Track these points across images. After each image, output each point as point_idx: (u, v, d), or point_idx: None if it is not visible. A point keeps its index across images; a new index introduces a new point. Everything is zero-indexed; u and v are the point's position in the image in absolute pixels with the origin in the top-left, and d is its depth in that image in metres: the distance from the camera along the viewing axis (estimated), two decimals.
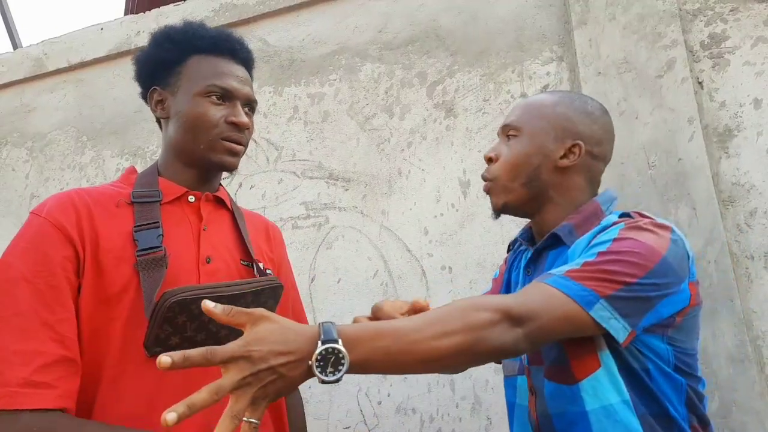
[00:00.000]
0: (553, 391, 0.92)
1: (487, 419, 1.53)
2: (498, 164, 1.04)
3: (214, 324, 0.84)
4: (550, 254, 1.00)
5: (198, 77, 0.95)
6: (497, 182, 1.03)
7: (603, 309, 0.81)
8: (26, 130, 2.31)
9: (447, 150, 1.76)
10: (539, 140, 1.01)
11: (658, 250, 0.84)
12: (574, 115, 1.02)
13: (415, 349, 0.71)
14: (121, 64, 2.23)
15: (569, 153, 1.00)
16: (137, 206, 0.89)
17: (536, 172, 1.00)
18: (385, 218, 1.77)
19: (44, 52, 2.33)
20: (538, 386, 0.96)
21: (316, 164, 1.89)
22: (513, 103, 1.13)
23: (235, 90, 0.96)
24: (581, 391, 0.88)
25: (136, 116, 2.16)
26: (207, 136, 0.93)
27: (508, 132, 1.05)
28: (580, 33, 1.62)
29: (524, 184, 1.01)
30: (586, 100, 1.07)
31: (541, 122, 1.02)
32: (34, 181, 2.24)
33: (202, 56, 0.97)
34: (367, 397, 1.64)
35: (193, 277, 0.88)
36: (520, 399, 1.03)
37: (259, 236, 1.06)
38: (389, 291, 1.71)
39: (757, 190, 1.42)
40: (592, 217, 0.98)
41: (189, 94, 0.94)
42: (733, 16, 1.53)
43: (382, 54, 1.90)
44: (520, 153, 1.01)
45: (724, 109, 1.49)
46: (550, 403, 0.93)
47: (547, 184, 1.01)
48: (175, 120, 0.96)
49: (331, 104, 1.92)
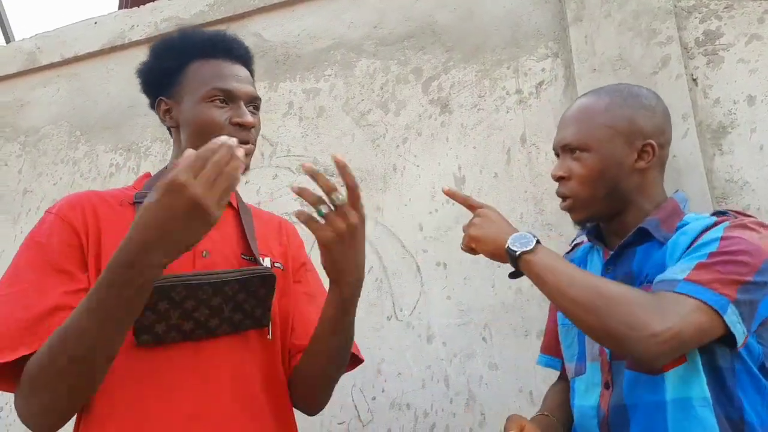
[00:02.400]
0: (632, 380, 0.93)
1: (481, 414, 1.53)
2: (574, 182, 1.02)
3: (200, 312, 0.85)
4: (637, 250, 0.99)
5: (199, 83, 0.96)
6: (578, 199, 1.03)
7: (732, 313, 0.82)
8: (19, 125, 2.30)
9: (442, 146, 1.76)
10: (609, 151, 1.00)
11: (764, 249, 0.85)
12: (633, 113, 1.01)
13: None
14: (115, 59, 2.22)
15: (642, 154, 1.00)
16: (138, 205, 0.91)
17: (615, 182, 1.00)
18: (380, 214, 1.77)
19: (37, 46, 2.31)
20: (619, 380, 0.96)
21: (311, 160, 1.88)
22: (562, 117, 1.11)
23: (236, 90, 0.96)
24: (664, 381, 0.89)
25: (130, 111, 2.15)
26: None
27: (571, 149, 1.03)
28: (576, 29, 1.62)
29: (606, 194, 1.01)
30: (636, 92, 1.05)
31: (605, 132, 1.00)
32: (27, 176, 2.23)
33: (200, 61, 0.98)
34: (361, 392, 1.65)
35: (188, 270, 0.88)
36: (579, 399, 1.03)
37: (269, 232, 1.06)
38: (384, 287, 1.71)
39: (750, 187, 1.42)
40: (673, 214, 0.99)
41: (193, 101, 0.96)
42: (727, 13, 1.53)
43: (378, 50, 1.90)
44: (595, 168, 1.00)
45: (718, 106, 1.50)
46: (627, 393, 0.93)
47: (628, 189, 1.01)
48: (184, 128, 0.98)
49: (326, 100, 1.92)
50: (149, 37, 2.16)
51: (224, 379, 0.88)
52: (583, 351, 1.04)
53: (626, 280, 0.98)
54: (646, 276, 0.96)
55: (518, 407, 1.51)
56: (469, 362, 1.58)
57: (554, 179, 1.07)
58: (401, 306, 1.68)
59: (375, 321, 1.69)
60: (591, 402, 1.00)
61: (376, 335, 1.68)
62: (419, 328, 1.64)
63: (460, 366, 1.58)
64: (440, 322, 1.63)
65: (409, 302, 1.67)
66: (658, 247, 0.97)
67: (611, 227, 1.06)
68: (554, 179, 1.07)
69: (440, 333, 1.62)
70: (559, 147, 1.07)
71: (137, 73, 1.05)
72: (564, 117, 1.09)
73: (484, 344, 1.58)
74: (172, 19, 2.13)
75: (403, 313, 1.67)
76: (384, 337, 1.67)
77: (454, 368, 1.59)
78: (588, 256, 1.12)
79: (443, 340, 1.62)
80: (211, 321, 0.86)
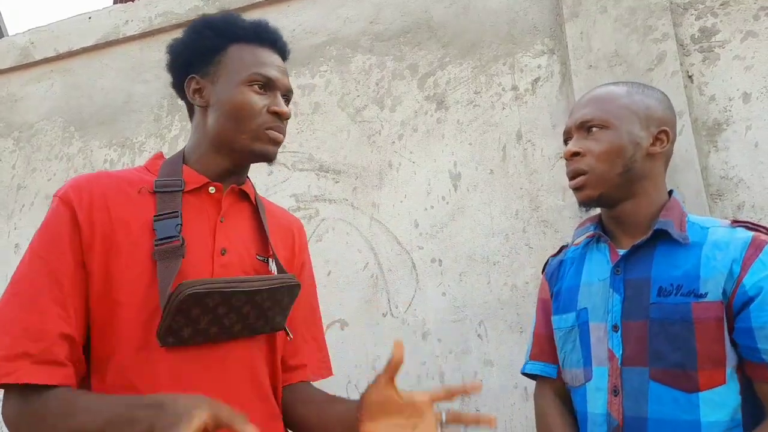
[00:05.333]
0: (661, 396, 0.91)
1: (476, 411, 1.54)
2: (591, 157, 1.02)
3: (228, 318, 0.84)
4: (655, 254, 0.98)
5: (240, 66, 0.94)
6: (593, 173, 1.02)
7: None
8: (13, 120, 2.29)
9: (438, 142, 1.75)
10: (628, 129, 1.01)
11: None
12: (651, 102, 1.04)
13: None
14: (109, 54, 2.21)
15: (656, 140, 1.02)
16: (159, 195, 0.89)
17: (632, 161, 1.01)
18: (376, 211, 1.76)
19: (31, 41, 2.30)
20: (632, 388, 0.94)
21: (307, 156, 1.88)
22: (577, 102, 1.11)
23: (277, 79, 0.96)
24: (700, 401, 0.88)
25: (124, 107, 2.14)
26: (251, 125, 0.93)
27: (589, 126, 1.04)
28: (572, 26, 1.62)
29: (621, 173, 1.01)
30: (651, 88, 1.08)
31: (626, 112, 1.02)
32: (20, 171, 2.22)
33: (242, 45, 0.96)
34: (356, 389, 1.65)
35: (207, 268, 0.88)
36: (591, 407, 1.01)
37: (284, 235, 1.05)
38: (379, 284, 1.71)
39: (745, 184, 1.43)
40: (681, 214, 0.99)
41: (232, 82, 0.94)
42: (723, 10, 1.53)
43: (374, 45, 1.89)
44: (614, 143, 1.01)
45: (714, 103, 1.50)
46: (652, 407, 0.92)
47: (641, 173, 1.01)
48: (215, 108, 0.95)
49: (321, 96, 1.91)
50: (143, 32, 2.15)
51: (243, 380, 0.89)
52: (589, 355, 1.02)
53: (638, 285, 0.97)
54: (678, 288, 0.93)
55: (513, 403, 1.52)
56: (464, 359, 1.58)
57: (567, 157, 1.06)
58: (396, 302, 1.68)
59: (370, 318, 1.69)
60: (599, 409, 0.98)
61: (371, 332, 1.68)
62: (414, 324, 1.64)
63: (455, 362, 1.59)
64: (435, 318, 1.63)
65: (404, 299, 1.67)
66: (678, 249, 0.96)
67: (615, 217, 1.05)
68: (567, 157, 1.06)
69: (435, 329, 1.62)
70: (575, 125, 1.06)
71: (168, 48, 0.99)
72: (580, 101, 1.10)
73: (479, 341, 1.58)
74: (166, 14, 2.12)
75: (398, 309, 1.67)
76: (379, 333, 1.67)
77: (449, 365, 1.59)
78: (587, 255, 1.09)
79: (438, 337, 1.62)
80: (236, 326, 0.86)
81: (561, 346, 1.09)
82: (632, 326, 0.96)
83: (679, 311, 0.91)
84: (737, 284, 0.89)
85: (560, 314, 1.09)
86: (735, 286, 0.89)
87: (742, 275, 0.89)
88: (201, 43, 0.96)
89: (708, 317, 0.89)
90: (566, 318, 1.07)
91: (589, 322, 1.02)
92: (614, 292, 0.99)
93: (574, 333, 1.05)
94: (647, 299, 0.95)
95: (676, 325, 0.91)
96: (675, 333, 0.91)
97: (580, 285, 1.06)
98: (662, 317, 0.92)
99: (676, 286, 0.93)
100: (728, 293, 0.90)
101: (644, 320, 0.94)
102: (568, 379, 1.08)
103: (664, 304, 0.93)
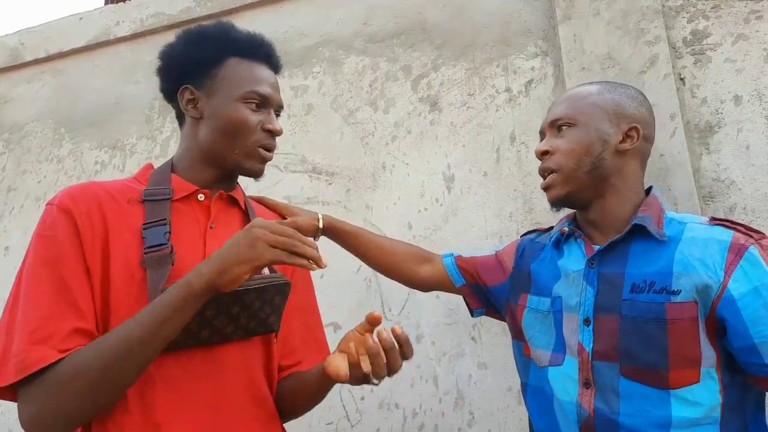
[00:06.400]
0: (632, 391, 0.91)
1: (470, 414, 1.53)
2: (559, 155, 1.03)
3: (219, 320, 0.85)
4: (630, 250, 0.97)
5: (237, 82, 0.95)
6: (561, 172, 1.02)
7: None
8: (3, 122, 2.26)
9: (431, 144, 1.75)
10: (596, 126, 1.01)
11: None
12: (622, 99, 1.04)
13: None
14: (100, 55, 2.19)
15: (627, 137, 1.02)
16: (148, 204, 0.90)
17: (599, 158, 1.01)
18: (369, 213, 1.76)
19: (21, 42, 2.28)
20: (603, 382, 0.94)
21: (300, 158, 1.87)
22: (558, 98, 1.12)
23: (271, 97, 0.97)
24: (671, 397, 0.88)
25: (115, 108, 2.12)
26: (245, 142, 0.95)
27: (559, 124, 1.05)
28: (565, 28, 1.62)
29: (588, 171, 1.01)
30: (625, 86, 1.08)
31: (594, 109, 1.03)
32: (10, 173, 2.20)
33: (239, 59, 0.97)
34: (349, 392, 1.64)
35: None
36: (560, 393, 1.00)
37: None
38: (373, 287, 1.70)
39: (737, 186, 1.43)
40: (659, 211, 0.99)
41: (228, 98, 0.94)
42: (714, 13, 1.54)
43: (367, 47, 1.88)
44: (581, 140, 1.01)
45: (706, 106, 1.50)
46: (624, 403, 0.91)
47: (610, 170, 1.01)
48: (210, 122, 0.95)
49: (314, 97, 1.90)
50: (135, 33, 2.13)
51: (239, 384, 0.89)
52: (561, 342, 1.01)
53: (612, 280, 0.96)
54: (651, 285, 0.92)
55: (507, 406, 1.52)
56: (458, 362, 1.58)
57: (538, 156, 1.06)
58: (390, 305, 1.67)
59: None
60: (569, 398, 0.98)
61: None
62: (408, 327, 1.64)
63: (449, 365, 1.58)
64: (429, 321, 1.63)
65: (398, 301, 1.67)
66: (654, 246, 0.95)
67: (589, 216, 1.05)
68: (538, 156, 1.06)
69: (429, 332, 1.62)
70: (547, 124, 1.07)
71: (161, 54, 1.00)
72: (555, 101, 1.11)
73: (473, 344, 1.58)
74: (158, 15, 2.11)
75: (392, 312, 1.67)
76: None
77: (443, 368, 1.59)
78: (565, 247, 1.08)
79: (432, 340, 1.61)
80: (228, 328, 0.86)
81: (529, 323, 1.08)
82: (604, 320, 0.95)
83: (653, 311, 0.90)
84: (721, 290, 0.87)
85: (537, 296, 1.08)
86: (719, 292, 0.88)
87: (726, 281, 0.88)
88: (198, 54, 0.96)
89: (682, 318, 0.88)
90: (543, 301, 1.06)
91: (563, 311, 1.02)
92: (587, 285, 0.99)
93: (549, 318, 1.04)
94: (620, 295, 0.94)
95: (650, 324, 0.90)
96: (648, 332, 0.90)
97: (557, 273, 1.06)
98: (635, 315, 0.91)
99: (649, 283, 0.92)
100: (711, 296, 0.88)
101: (616, 316, 0.94)
102: (533, 356, 1.07)
103: (636, 301, 0.92)
